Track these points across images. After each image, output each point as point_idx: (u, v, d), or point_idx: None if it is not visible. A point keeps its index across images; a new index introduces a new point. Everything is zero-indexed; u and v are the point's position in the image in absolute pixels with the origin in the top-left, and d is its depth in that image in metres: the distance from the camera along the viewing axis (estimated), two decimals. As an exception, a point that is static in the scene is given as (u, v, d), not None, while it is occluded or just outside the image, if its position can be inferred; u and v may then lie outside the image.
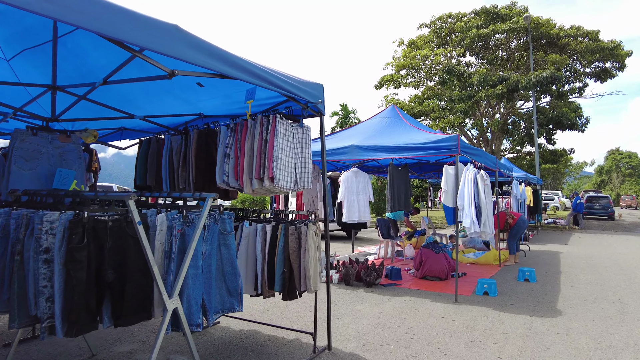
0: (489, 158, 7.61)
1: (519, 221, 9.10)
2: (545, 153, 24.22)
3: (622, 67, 22.28)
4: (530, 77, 18.74)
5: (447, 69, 20.67)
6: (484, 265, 8.40)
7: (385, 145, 6.20)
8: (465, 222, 5.37)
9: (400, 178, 6.25)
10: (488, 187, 5.64)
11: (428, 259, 6.89)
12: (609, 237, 14.82)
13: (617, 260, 9.39)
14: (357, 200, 6.51)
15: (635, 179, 69.84)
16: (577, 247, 11.65)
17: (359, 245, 11.80)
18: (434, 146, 5.75)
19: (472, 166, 5.66)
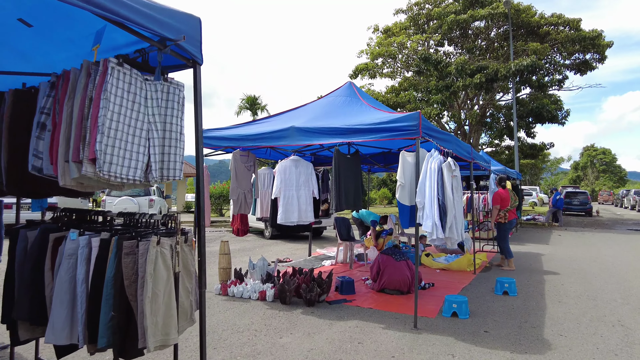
0: (461, 146, 6.37)
1: (512, 220, 8.04)
2: (525, 147, 23.41)
3: (602, 59, 21.54)
4: (510, 66, 17.73)
5: (424, 57, 19.50)
6: (457, 272, 7.20)
7: (331, 127, 4.87)
8: (426, 225, 4.12)
9: (349, 169, 4.93)
10: (457, 180, 4.39)
11: (387, 267, 5.62)
12: (590, 235, 13.93)
13: (604, 263, 8.34)
14: (298, 196, 5.16)
15: (609, 175, 70.86)
16: (560, 248, 10.62)
17: (320, 247, 10.49)
18: (389, 127, 4.44)
19: (437, 153, 4.39)
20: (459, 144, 6.21)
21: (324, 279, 5.43)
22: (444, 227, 4.11)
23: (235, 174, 5.52)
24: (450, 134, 5.65)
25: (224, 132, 5.82)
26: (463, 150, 6.52)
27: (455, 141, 5.91)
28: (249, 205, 5.74)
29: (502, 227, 8.02)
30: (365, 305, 5.07)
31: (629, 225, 18.23)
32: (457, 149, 5.99)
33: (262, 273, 5.90)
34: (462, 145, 6.50)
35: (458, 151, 6.09)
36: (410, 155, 4.41)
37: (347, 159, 4.99)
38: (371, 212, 9.49)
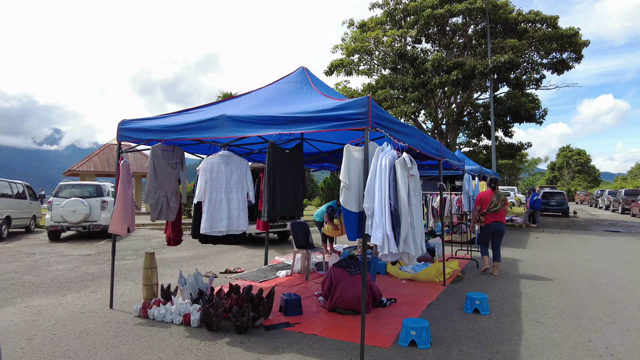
0: (428, 142, 5.57)
1: (490, 224, 7.34)
2: (503, 147, 23.04)
3: (579, 58, 21.30)
4: (487, 62, 17.21)
5: (400, 53, 18.82)
6: (425, 284, 6.41)
7: (265, 116, 4.00)
8: (375, 237, 3.28)
9: (287, 167, 4.04)
10: (415, 180, 3.56)
11: (339, 283, 4.77)
12: (568, 237, 13.43)
13: (584, 271, 7.70)
14: (228, 200, 4.25)
15: (583, 175, 72.18)
16: (537, 253, 10.00)
17: (282, 254, 9.59)
18: (332, 115, 3.59)
19: (389, 147, 3.56)
20: (424, 139, 5.42)
21: (264, 298, 4.55)
22: (397, 239, 3.29)
23: (155, 172, 4.58)
24: (413, 127, 4.85)
25: (146, 124, 4.89)
26: (430, 147, 5.74)
27: (420, 136, 5.10)
28: (173, 210, 4.80)
29: (482, 231, 7.46)
30: (309, 331, 4.21)
31: (604, 226, 17.93)
32: (421, 145, 5.19)
33: (193, 290, 4.98)
34: (429, 141, 5.71)
35: (423, 147, 5.30)
36: (358, 150, 3.57)
37: (285, 155, 4.09)
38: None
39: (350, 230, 3.52)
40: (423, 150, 5.32)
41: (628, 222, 20.52)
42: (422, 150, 5.29)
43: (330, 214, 7.71)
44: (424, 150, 5.39)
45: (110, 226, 4.94)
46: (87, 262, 8.41)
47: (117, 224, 4.92)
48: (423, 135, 5.35)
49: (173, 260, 8.70)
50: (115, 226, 4.92)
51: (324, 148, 7.10)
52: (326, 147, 7.10)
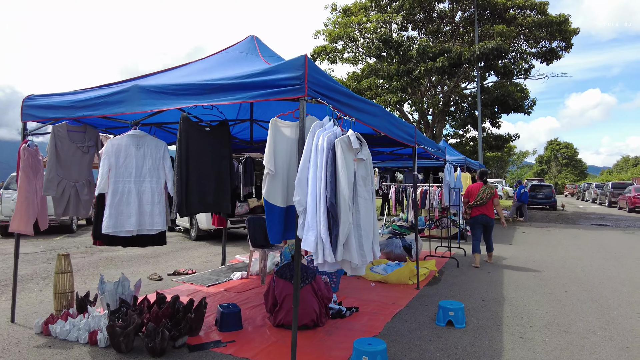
0: (396, 123, 4.76)
1: (477, 217, 7.37)
2: (490, 138, 22.43)
3: (569, 47, 20.71)
4: (474, 49, 16.46)
5: (384, 39, 17.96)
6: (396, 287, 5.65)
7: (182, 85, 3.16)
8: (307, 240, 2.47)
9: (207, 149, 3.13)
10: (367, 167, 2.72)
11: (286, 299, 3.94)
12: (555, 232, 12.82)
13: (574, 270, 7.02)
14: (138, 191, 3.37)
15: (570, 169, 72.45)
16: (524, 249, 9.32)
17: (243, 253, 8.76)
18: (259, 82, 2.77)
19: (330, 123, 2.73)
20: (393, 121, 4.61)
21: (191, 311, 3.73)
22: (334, 245, 2.48)
23: (57, 157, 3.70)
24: (376, 105, 4.03)
25: (53, 99, 3.99)
26: (401, 131, 4.94)
27: (386, 116, 4.29)
28: (86, 204, 3.93)
29: (470, 223, 7.49)
30: (242, 353, 3.40)
31: (592, 220, 17.43)
32: (388, 128, 4.39)
33: (113, 300, 4.13)
34: (400, 123, 4.90)
35: (391, 131, 4.50)
36: (289, 127, 2.75)
37: (204, 133, 3.19)
38: None
39: (273, 229, 2.71)
40: (391, 134, 4.51)
41: (615, 216, 20.10)
42: (390, 134, 4.48)
43: None
44: (392, 134, 4.58)
45: (11, 224, 4.07)
46: (25, 262, 7.49)
47: (20, 220, 4.04)
48: (391, 116, 4.54)
49: (124, 259, 7.83)
50: (17, 224, 4.04)
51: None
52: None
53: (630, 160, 74.20)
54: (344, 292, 5.36)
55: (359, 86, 21.44)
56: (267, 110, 5.69)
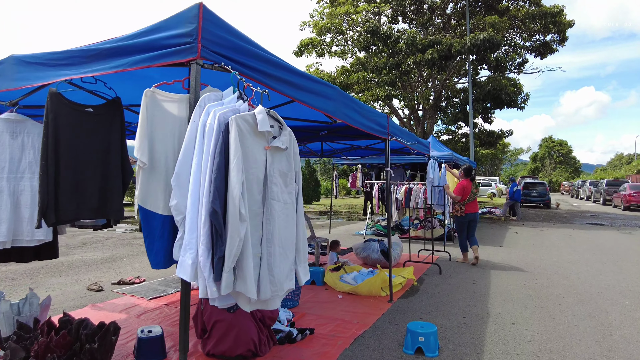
0: (359, 109, 4.01)
1: (468, 214, 7.35)
2: (482, 135, 21.76)
3: (563, 40, 20.07)
4: (465, 40, 15.75)
5: (371, 30, 17.21)
6: (365, 300, 4.92)
7: (61, 52, 2.40)
8: (183, 265, 1.73)
9: (88, 132, 2.37)
10: (289, 162, 1.92)
11: (216, 324, 3.19)
12: (549, 232, 12.17)
13: (569, 277, 6.33)
14: (14, 191, 2.57)
15: (565, 166, 72.27)
16: (515, 251, 8.64)
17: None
18: (144, 43, 2.03)
19: (233, 96, 1.95)
20: (353, 105, 3.85)
21: (97, 339, 2.97)
22: (217, 270, 1.70)
23: None
24: (329, 85, 3.29)
25: None
26: (366, 119, 4.20)
27: (341, 98, 3.53)
28: None
29: (457, 220, 7.44)
30: (147, 399, 2.66)
31: (587, 219, 16.84)
32: (347, 114, 3.65)
33: (10, 323, 3.37)
34: (364, 110, 4.16)
35: (353, 118, 3.76)
36: (175, 101, 2.00)
37: (84, 114, 2.38)
38: None
39: (153, 249, 1.96)
40: (352, 123, 3.78)
41: (610, 214, 19.54)
42: (351, 123, 3.74)
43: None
44: (355, 123, 3.84)
45: None
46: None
47: None
48: (352, 100, 3.79)
49: (73, 265, 7.05)
50: None
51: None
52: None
53: (624, 158, 74.18)
54: (304, 307, 4.62)
55: (348, 80, 20.72)
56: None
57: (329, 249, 6.60)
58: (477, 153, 34.03)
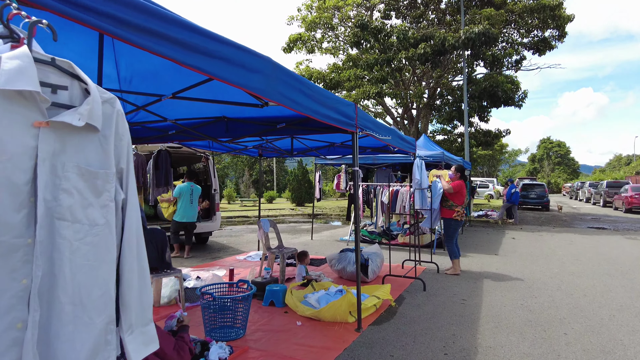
0: (302, 89, 3.12)
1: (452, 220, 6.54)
2: (479, 134, 20.91)
3: (562, 36, 19.26)
4: (459, 34, 14.93)
5: (361, 24, 16.37)
6: (328, 328, 4.04)
7: None
8: None
9: None
10: (103, 152, 1.11)
11: None
12: (549, 237, 11.32)
13: (573, 294, 5.47)
14: None
15: (563, 167, 71.64)
16: (512, 261, 7.77)
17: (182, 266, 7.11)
18: None
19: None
20: (299, 86, 2.99)
21: None
22: None
23: None
24: (256, 53, 2.43)
25: None
26: (322, 106, 3.34)
27: (275, 72, 2.65)
28: None
29: (452, 225, 6.54)
30: None
31: (588, 222, 16.01)
32: (285, 94, 2.78)
33: None
34: (319, 93, 3.29)
35: (297, 102, 2.90)
36: None
37: None
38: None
39: None
40: (297, 107, 2.91)
41: (612, 217, 18.72)
42: (296, 108, 2.88)
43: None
44: (302, 109, 2.98)
45: None
46: None
47: None
48: (295, 78, 2.91)
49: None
50: None
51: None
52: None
53: (622, 159, 73.55)
54: (251, 338, 3.75)
55: (338, 78, 19.88)
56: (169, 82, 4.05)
57: (297, 260, 5.73)
58: (474, 154, 33.24)
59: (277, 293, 4.77)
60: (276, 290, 4.77)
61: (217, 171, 31.93)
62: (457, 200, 6.59)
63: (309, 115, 3.18)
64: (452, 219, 6.58)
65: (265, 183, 48.76)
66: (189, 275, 5.60)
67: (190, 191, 7.96)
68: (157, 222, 8.62)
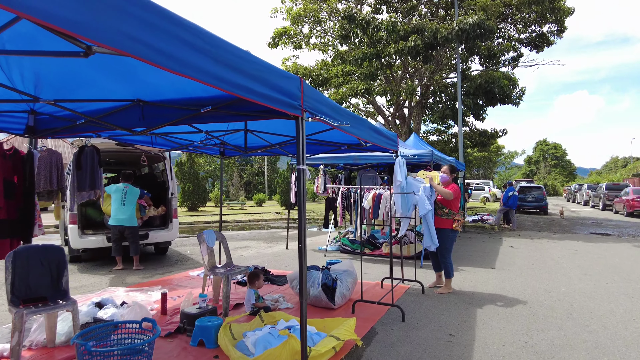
0: (230, 63, 2.02)
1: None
2: (474, 134, 19.88)
3: (561, 31, 18.28)
4: (452, 25, 13.90)
5: (349, 16, 15.31)
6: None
7: None
8: None
9: None
10: None
11: None
12: (550, 245, 10.27)
13: (589, 324, 4.39)
14: None
15: (559, 170, 70.91)
16: (511, 276, 6.69)
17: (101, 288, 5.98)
18: None
19: None
20: (188, 37, 1.89)
21: None
22: None
23: None
24: None
25: None
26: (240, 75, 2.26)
27: (183, 34, 1.56)
28: None
29: (451, 237, 5.50)
30: None
31: (589, 227, 14.99)
32: (188, 65, 1.67)
33: None
34: (221, 50, 2.19)
35: (201, 69, 1.80)
36: None
37: None
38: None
39: None
40: (168, 65, 1.81)
41: (614, 221, 17.73)
42: (165, 65, 1.78)
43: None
44: (184, 70, 1.88)
45: None
46: None
47: None
48: (156, 11, 1.81)
49: None
50: None
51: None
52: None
53: (619, 161, 72.88)
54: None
55: (327, 75, 18.80)
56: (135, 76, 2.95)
57: (248, 283, 4.62)
58: (470, 155, 32.24)
59: (208, 330, 3.65)
60: (207, 327, 3.66)
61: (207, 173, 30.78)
62: (455, 207, 5.53)
63: (212, 84, 2.10)
64: (452, 229, 5.50)
65: (257, 185, 47.64)
66: (111, 300, 4.47)
67: (123, 192, 6.91)
68: (104, 231, 7.50)
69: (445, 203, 5.46)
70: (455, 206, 5.48)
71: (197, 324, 3.71)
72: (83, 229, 7.30)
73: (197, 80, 2.03)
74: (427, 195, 5.33)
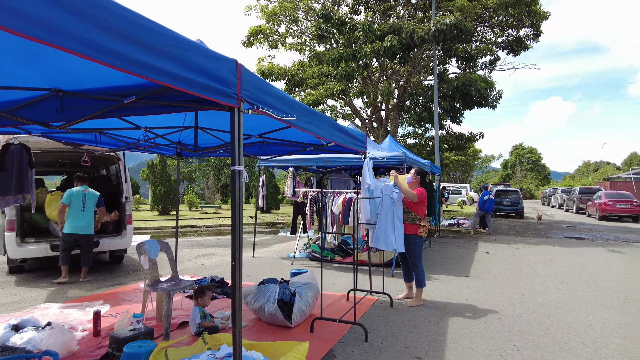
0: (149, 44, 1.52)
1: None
2: (451, 137, 19.76)
3: (537, 35, 18.35)
4: (429, 26, 13.66)
5: (324, 15, 14.92)
6: None
7: None
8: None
9: None
10: None
11: None
12: (526, 250, 10.05)
13: (568, 340, 4.05)
14: None
15: (535, 174, 72.37)
16: (485, 287, 6.35)
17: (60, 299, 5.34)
18: None
19: None
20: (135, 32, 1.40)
21: None
22: None
23: None
24: None
25: None
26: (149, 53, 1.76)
27: None
28: None
29: (419, 243, 5.20)
30: None
31: (564, 231, 14.97)
32: None
33: None
34: (121, 19, 1.70)
35: (52, 26, 1.29)
36: None
37: None
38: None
39: None
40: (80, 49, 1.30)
41: (587, 225, 17.85)
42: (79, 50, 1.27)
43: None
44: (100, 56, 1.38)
45: None
46: None
47: None
48: None
49: None
50: None
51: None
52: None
53: (591, 166, 74.87)
54: None
55: (304, 75, 18.36)
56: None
57: (194, 300, 4.10)
58: (447, 159, 32.28)
59: (138, 357, 3.12)
60: (136, 354, 3.13)
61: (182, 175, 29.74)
62: (421, 211, 5.15)
63: (102, 61, 1.60)
64: (417, 235, 5.13)
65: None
66: (33, 321, 3.87)
67: (82, 197, 6.27)
68: (48, 238, 6.83)
69: (411, 207, 5.08)
70: (421, 211, 5.11)
71: (125, 350, 3.17)
72: (23, 237, 6.62)
73: (81, 56, 1.53)
74: (389, 193, 4.94)
